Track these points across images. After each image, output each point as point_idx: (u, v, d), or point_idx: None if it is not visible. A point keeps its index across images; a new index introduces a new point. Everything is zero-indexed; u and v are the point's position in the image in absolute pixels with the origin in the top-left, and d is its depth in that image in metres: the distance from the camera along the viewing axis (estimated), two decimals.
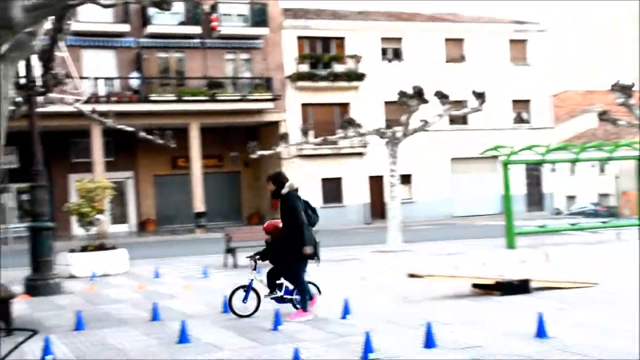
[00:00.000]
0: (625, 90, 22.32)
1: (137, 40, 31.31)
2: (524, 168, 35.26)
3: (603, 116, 23.37)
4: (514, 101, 37.62)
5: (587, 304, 9.57)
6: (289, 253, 9.10)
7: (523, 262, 14.74)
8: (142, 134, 19.11)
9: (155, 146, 22.15)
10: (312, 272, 14.21)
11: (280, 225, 9.30)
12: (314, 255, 9.31)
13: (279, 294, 9.32)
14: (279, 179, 9.22)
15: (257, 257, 9.48)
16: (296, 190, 9.19)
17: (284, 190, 9.09)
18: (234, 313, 9.20)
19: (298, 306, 9.26)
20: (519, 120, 38.18)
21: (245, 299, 9.24)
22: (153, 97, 30.66)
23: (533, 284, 10.63)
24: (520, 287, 10.47)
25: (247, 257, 9.96)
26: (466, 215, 35.67)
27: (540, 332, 7.51)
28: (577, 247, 17.94)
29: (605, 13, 56.07)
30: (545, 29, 38.63)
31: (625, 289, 10.67)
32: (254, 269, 9.47)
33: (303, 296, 9.12)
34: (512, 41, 37.75)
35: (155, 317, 9.47)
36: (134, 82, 31.16)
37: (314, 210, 9.41)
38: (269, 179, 9.35)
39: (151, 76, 31.62)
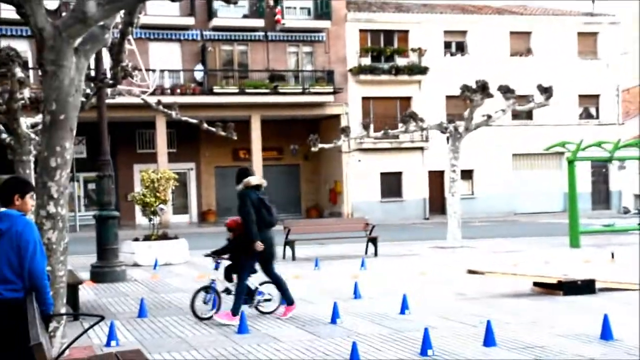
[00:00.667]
0: None
1: (202, 33, 31.80)
2: (590, 165, 34.34)
3: None
4: (581, 96, 36.59)
5: None
6: (241, 250, 8.77)
7: (587, 262, 14.36)
8: (205, 125, 19.37)
9: (216, 138, 22.40)
10: (372, 266, 14.24)
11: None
12: (268, 255, 8.78)
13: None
14: (241, 175, 8.91)
15: (215, 255, 9.08)
16: (254, 187, 8.79)
17: (239, 187, 8.80)
18: (195, 315, 8.82)
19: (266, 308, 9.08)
20: (586, 115, 37.15)
21: (207, 301, 8.92)
22: (216, 89, 31.09)
23: (598, 285, 10.36)
24: (585, 288, 10.21)
25: (204, 256, 9.58)
26: (528, 213, 34.98)
27: (606, 334, 7.32)
28: None
29: None
30: (618, 21, 37.44)
31: None
32: (216, 269, 9.07)
33: (237, 298, 8.58)
34: (580, 34, 36.71)
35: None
36: (198, 75, 31.67)
37: (269, 209, 8.82)
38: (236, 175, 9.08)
39: (215, 68, 32.06)
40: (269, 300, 9.14)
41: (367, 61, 33.99)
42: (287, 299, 8.99)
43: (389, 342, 7.46)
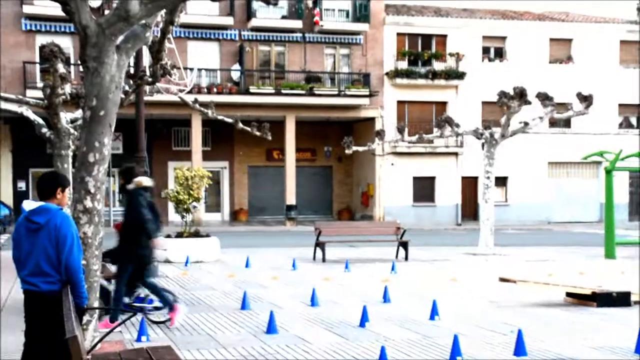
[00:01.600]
0: None
1: (240, 33, 32.01)
2: (628, 175, 33.74)
3: None
4: (621, 105, 35.98)
5: None
6: (123, 252, 8.35)
7: (623, 274, 14.12)
8: (240, 125, 19.51)
9: (251, 137, 22.58)
10: (402, 270, 14.18)
11: None
12: (145, 259, 8.32)
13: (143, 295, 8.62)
14: (128, 173, 8.66)
15: (107, 259, 8.63)
16: (145, 188, 8.45)
17: (130, 186, 8.44)
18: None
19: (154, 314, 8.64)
20: (626, 125, 36.52)
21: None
22: (252, 89, 31.26)
23: (633, 298, 10.18)
24: (620, 300, 10.05)
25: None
26: (563, 222, 34.50)
27: None
28: None
29: None
30: None
31: None
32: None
33: (115, 304, 8.17)
34: (622, 42, 36.12)
35: (244, 305, 9.68)
36: (235, 74, 31.88)
37: (158, 216, 8.47)
38: (120, 172, 8.91)
39: (252, 69, 32.24)
40: (159, 308, 8.59)
41: (404, 65, 33.87)
42: (166, 304, 8.39)
43: (417, 347, 7.43)
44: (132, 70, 12.85)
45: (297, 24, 32.20)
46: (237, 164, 34.85)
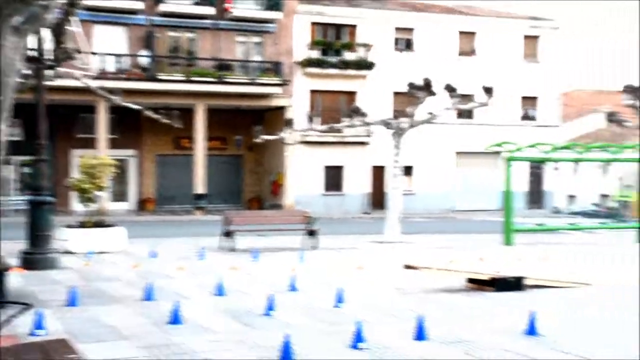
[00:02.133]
0: (635, 92, 22.27)
1: (149, 18, 31.23)
2: (528, 165, 35.16)
3: (611, 117, 23.35)
4: (523, 98, 37.47)
5: (579, 303, 9.58)
6: None
7: (519, 260, 14.73)
8: (148, 112, 19.06)
9: (159, 125, 22.11)
10: (310, 259, 14.28)
11: None
12: None
13: None
14: None
15: None
16: None
17: None
18: None
19: None
20: (527, 117, 38.05)
21: None
22: (161, 76, 30.61)
23: (527, 282, 10.65)
24: (514, 284, 10.50)
25: None
26: (467, 210, 35.66)
27: (531, 330, 7.53)
28: (573, 247, 17.92)
29: (617, 14, 55.67)
30: (558, 27, 38.40)
31: (618, 290, 10.68)
32: None
33: None
34: (525, 37, 37.55)
35: (148, 296, 9.51)
36: (144, 60, 31.12)
37: None
38: None
39: (161, 55, 31.55)
40: None
41: (316, 54, 34.00)
42: None
43: (321, 334, 7.51)
44: (32, 54, 12.32)
45: (209, 10, 31.74)
46: (145, 153, 34.12)
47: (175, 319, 7.95)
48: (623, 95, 22.32)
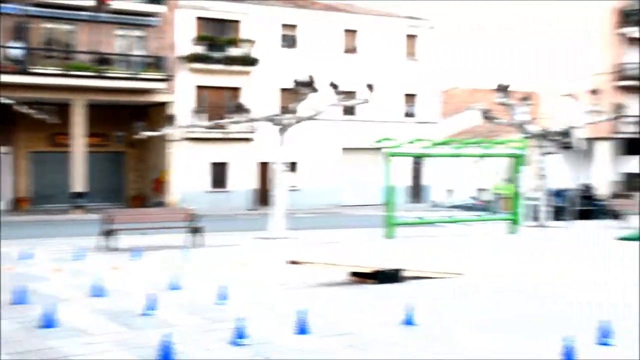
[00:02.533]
0: (505, 90, 23.50)
1: (22, 7, 29.62)
2: (411, 161, 36.24)
3: (485, 114, 24.50)
4: (405, 95, 38.57)
5: (452, 293, 9.99)
6: None
7: (399, 252, 15.16)
8: (19, 107, 18.13)
9: (35, 121, 21.16)
10: (194, 257, 14.08)
11: None
12: None
13: None
14: None
15: None
16: None
17: None
18: None
19: None
20: (408, 114, 39.20)
21: None
22: (36, 69, 29.17)
23: (406, 274, 10.99)
24: (394, 277, 10.80)
25: None
26: (352, 205, 36.34)
27: (408, 320, 7.78)
28: (450, 239, 18.66)
29: (490, 14, 58.37)
30: (434, 26, 39.79)
31: (489, 280, 11.22)
32: None
33: None
34: (408, 36, 38.63)
35: (20, 300, 9.05)
36: (15, 52, 29.53)
37: None
38: None
39: (35, 47, 30.04)
40: None
41: (200, 49, 33.52)
42: None
43: (203, 332, 7.43)
44: None
45: (87, 2, 30.51)
46: (19, 149, 32.47)
47: (48, 323, 7.61)
48: (496, 93, 23.52)
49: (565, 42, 42.32)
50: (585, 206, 27.08)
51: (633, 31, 40.48)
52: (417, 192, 39.28)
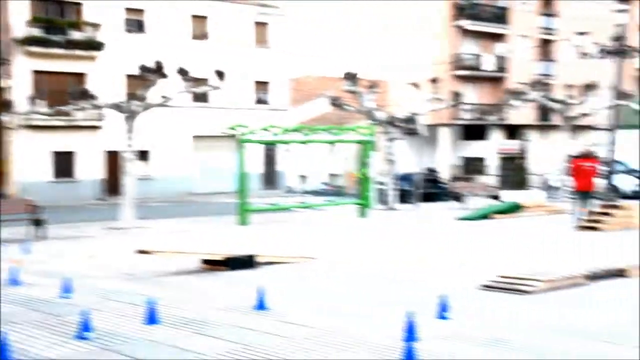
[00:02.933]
0: (353, 78, 24.15)
1: None
2: (263, 148, 36.38)
3: (334, 102, 25.07)
4: (256, 82, 38.63)
5: (305, 276, 10.20)
6: None
7: (253, 239, 15.24)
8: None
9: None
10: (37, 250, 13.35)
11: None
12: None
13: None
14: None
15: None
16: None
17: None
18: None
19: None
20: (260, 101, 39.30)
21: None
22: None
23: (259, 259, 11.06)
24: (247, 262, 10.84)
25: None
26: (205, 193, 35.96)
27: (260, 305, 7.85)
28: (303, 224, 19.00)
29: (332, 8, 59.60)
30: (285, 14, 40.11)
31: (338, 263, 11.55)
32: None
33: None
34: (255, 23, 38.64)
35: None
36: None
37: None
38: None
39: None
40: None
41: (39, 32, 31.64)
42: None
43: (44, 327, 7.08)
44: None
45: None
46: None
47: None
48: (344, 81, 24.13)
49: (408, 33, 44.14)
50: (430, 189, 28.46)
51: (468, 24, 42.99)
52: (271, 178, 39.56)
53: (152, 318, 7.19)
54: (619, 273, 9.66)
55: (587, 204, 16.78)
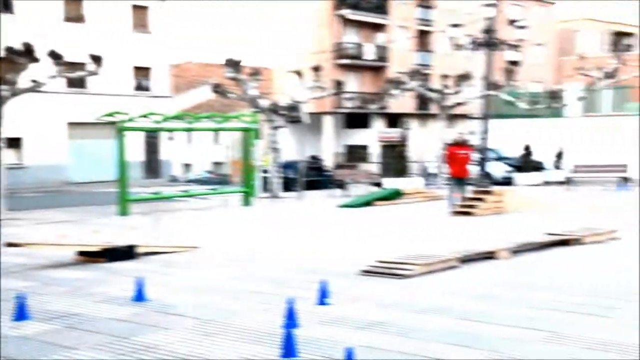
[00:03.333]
0: (236, 65, 23.97)
1: None
2: (144, 135, 35.46)
3: (216, 89, 24.79)
4: (136, 68, 37.52)
5: (187, 266, 10.05)
6: None
7: (134, 229, 14.85)
8: None
9: None
10: None
11: None
12: None
13: None
14: None
15: None
16: None
17: None
18: None
19: None
20: (140, 87, 38.22)
21: None
22: None
23: (139, 250, 10.79)
24: (126, 253, 10.55)
25: None
26: (83, 182, 34.63)
27: (139, 296, 7.66)
28: (186, 213, 18.72)
29: None
30: None
31: (221, 251, 11.48)
32: None
33: None
34: (134, 7, 37.48)
35: None
36: None
37: None
38: None
39: None
40: None
41: None
42: None
43: None
44: None
45: None
46: None
47: None
48: (226, 68, 23.90)
49: (290, 21, 44.32)
50: (314, 177, 28.78)
51: (349, 13, 43.72)
52: (153, 167, 38.64)
53: (21, 314, 6.86)
54: (490, 255, 10.16)
55: (462, 190, 17.52)
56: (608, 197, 21.68)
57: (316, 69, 26.06)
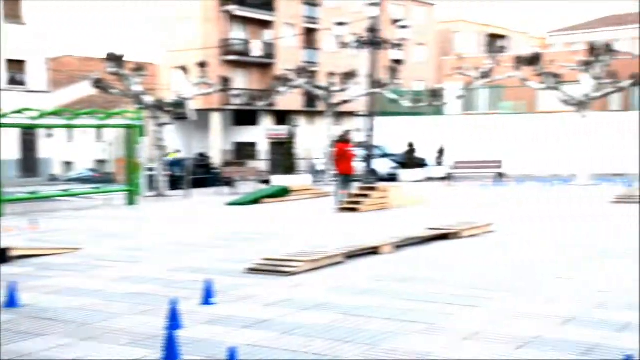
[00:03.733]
0: (118, 60, 23.27)
1: None
2: (20, 132, 33.77)
3: (97, 84, 23.96)
4: (9, 61, 35.60)
5: (66, 268, 9.66)
6: None
7: (9, 231, 14.10)
8: None
9: None
10: None
11: None
12: None
13: None
14: None
15: None
16: None
17: None
18: None
19: None
20: (14, 81, 36.31)
21: None
22: None
23: (13, 253, 10.27)
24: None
25: None
26: None
27: (12, 302, 7.29)
28: (67, 213, 17.98)
29: None
30: None
31: (103, 253, 11.12)
32: None
33: None
34: None
35: None
36: None
37: None
38: None
39: None
40: None
41: None
42: None
43: None
44: None
45: None
46: None
47: None
48: (107, 63, 23.14)
49: (176, 15, 43.50)
50: (201, 174, 28.41)
51: (236, 9, 43.46)
52: (30, 165, 36.85)
53: None
54: (374, 250, 10.39)
55: (348, 187, 17.82)
56: (485, 192, 22.70)
57: (202, 65, 25.70)
